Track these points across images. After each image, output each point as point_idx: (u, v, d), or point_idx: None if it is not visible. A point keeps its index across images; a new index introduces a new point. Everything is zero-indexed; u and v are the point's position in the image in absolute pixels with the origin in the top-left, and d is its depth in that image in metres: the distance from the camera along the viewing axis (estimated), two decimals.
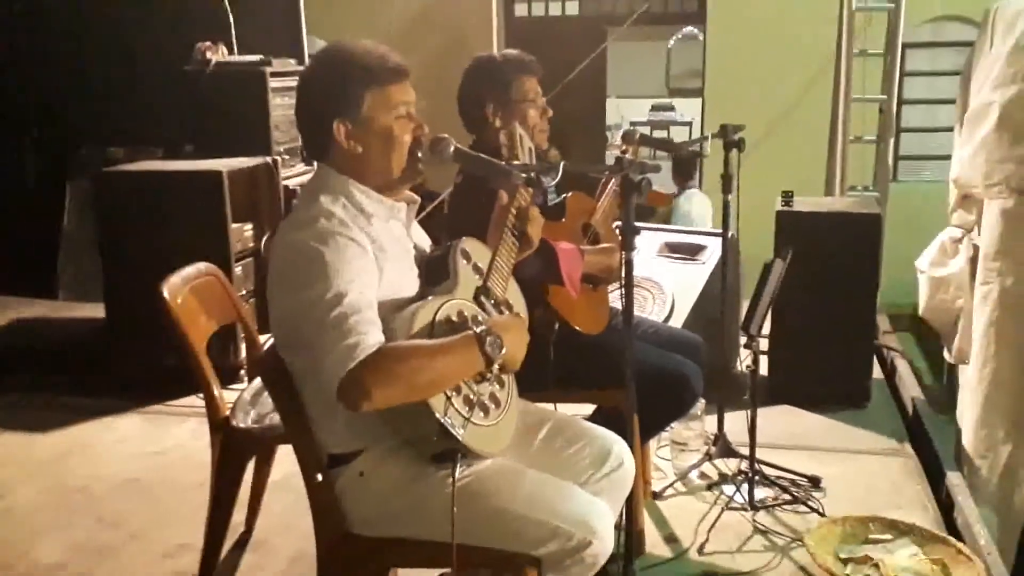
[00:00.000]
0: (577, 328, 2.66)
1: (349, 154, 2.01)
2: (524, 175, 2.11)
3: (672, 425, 3.28)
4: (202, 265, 2.81)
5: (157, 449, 3.81)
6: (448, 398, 1.86)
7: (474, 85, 2.82)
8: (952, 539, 2.83)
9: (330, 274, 1.85)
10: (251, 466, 2.89)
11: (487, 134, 2.77)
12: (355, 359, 1.78)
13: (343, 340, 1.80)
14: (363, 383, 1.77)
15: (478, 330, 1.89)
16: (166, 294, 2.56)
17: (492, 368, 1.91)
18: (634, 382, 2.19)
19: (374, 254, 1.94)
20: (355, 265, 1.88)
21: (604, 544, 1.94)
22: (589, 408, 2.95)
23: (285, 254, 1.95)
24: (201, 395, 2.69)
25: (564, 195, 2.86)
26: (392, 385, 1.79)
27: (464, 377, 1.91)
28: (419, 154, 2.04)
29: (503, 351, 1.89)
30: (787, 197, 4.12)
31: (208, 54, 4.80)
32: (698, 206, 6.57)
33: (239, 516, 2.92)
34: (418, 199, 2.15)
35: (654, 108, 10.44)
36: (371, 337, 1.83)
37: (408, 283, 2.04)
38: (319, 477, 2.03)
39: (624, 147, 2.80)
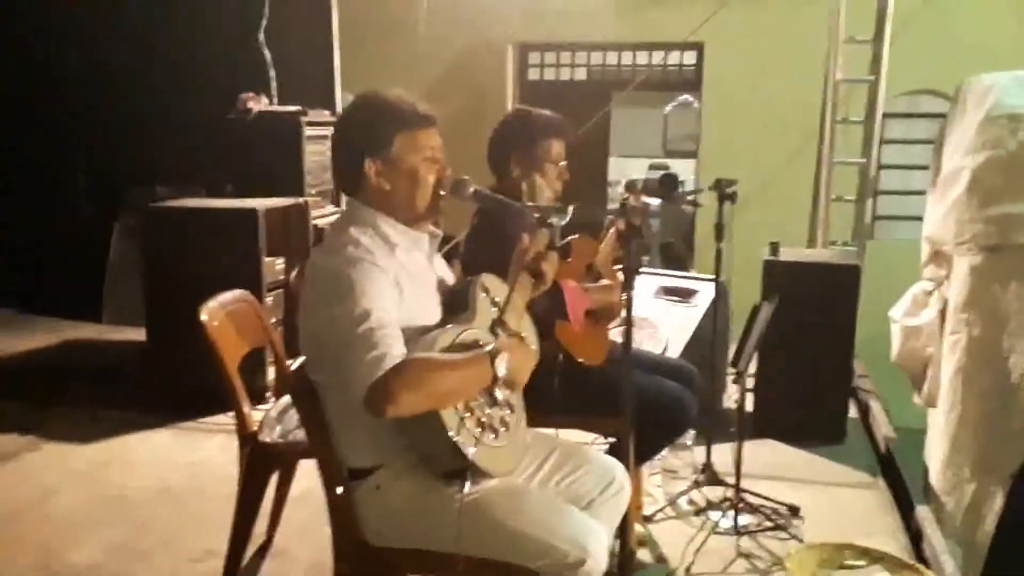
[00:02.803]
0: (580, 360, 2.65)
1: (378, 190, 2.01)
2: (536, 215, 2.12)
3: (665, 452, 3.25)
4: (238, 292, 2.81)
5: (188, 461, 3.79)
6: (461, 419, 1.85)
7: (506, 133, 2.82)
8: (921, 567, 2.79)
9: (357, 294, 1.85)
10: (274, 480, 2.87)
11: (507, 180, 2.78)
12: (383, 368, 1.78)
13: (370, 352, 1.80)
14: (389, 390, 1.77)
15: (489, 348, 1.90)
16: (204, 316, 2.57)
17: (497, 381, 1.90)
18: (633, 407, 2.17)
19: (396, 280, 1.93)
20: (379, 287, 1.88)
21: (597, 563, 1.92)
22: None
23: (316, 277, 1.95)
24: (229, 413, 2.67)
25: (570, 237, 2.86)
26: (415, 391, 1.79)
27: (477, 388, 1.90)
28: (441, 192, 2.05)
29: (508, 366, 1.90)
30: (774, 247, 4.13)
31: (250, 103, 4.86)
32: None
33: (261, 526, 2.89)
34: (440, 233, 2.14)
35: (651, 167, 10.48)
36: (396, 349, 1.82)
37: (427, 308, 2.03)
38: (339, 489, 2.02)
39: (627, 195, 2.80)
